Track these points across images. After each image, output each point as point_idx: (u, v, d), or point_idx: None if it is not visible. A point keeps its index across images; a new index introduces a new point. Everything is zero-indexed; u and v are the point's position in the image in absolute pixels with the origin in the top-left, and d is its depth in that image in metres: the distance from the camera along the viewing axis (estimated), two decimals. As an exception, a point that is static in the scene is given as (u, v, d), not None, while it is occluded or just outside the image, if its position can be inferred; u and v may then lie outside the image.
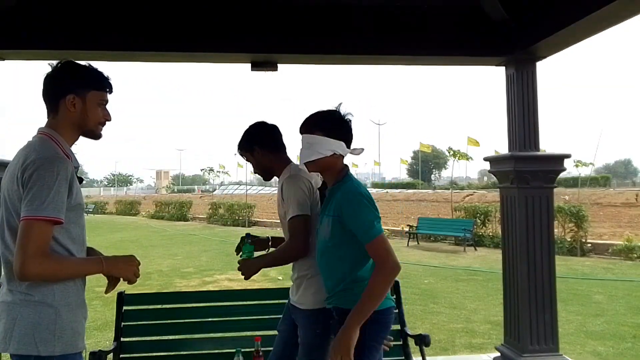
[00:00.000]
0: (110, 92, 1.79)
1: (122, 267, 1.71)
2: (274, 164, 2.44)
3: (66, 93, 1.67)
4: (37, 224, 1.50)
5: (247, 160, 2.49)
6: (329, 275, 2.09)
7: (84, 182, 1.85)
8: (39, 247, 1.50)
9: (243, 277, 2.33)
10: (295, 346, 2.34)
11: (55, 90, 1.69)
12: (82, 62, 1.75)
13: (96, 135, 1.78)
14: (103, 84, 1.75)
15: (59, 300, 1.58)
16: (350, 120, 2.12)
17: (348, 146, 2.08)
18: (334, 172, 2.08)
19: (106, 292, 1.80)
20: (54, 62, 1.73)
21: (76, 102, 1.68)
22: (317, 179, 2.35)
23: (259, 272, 2.39)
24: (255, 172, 2.56)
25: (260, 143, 2.42)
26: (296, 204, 2.22)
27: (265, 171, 2.49)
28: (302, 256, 2.26)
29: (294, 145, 2.28)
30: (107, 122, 1.80)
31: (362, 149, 2.12)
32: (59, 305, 1.58)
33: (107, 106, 1.79)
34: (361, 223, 1.91)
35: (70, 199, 1.60)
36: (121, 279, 1.75)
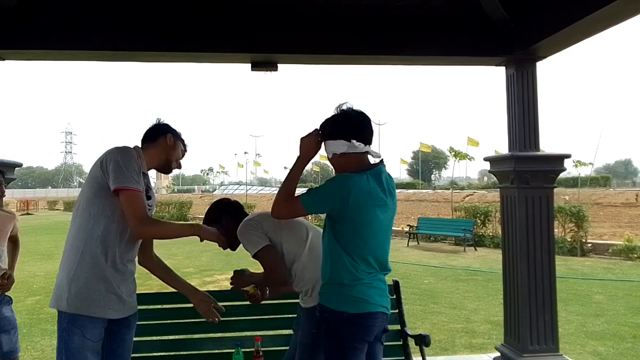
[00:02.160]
0: (184, 154, 2.39)
1: (211, 232, 2.17)
2: None
3: (167, 133, 2.29)
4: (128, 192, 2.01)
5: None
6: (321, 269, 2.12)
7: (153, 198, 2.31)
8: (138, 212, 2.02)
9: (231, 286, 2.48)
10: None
11: (161, 130, 2.29)
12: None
13: (169, 170, 2.31)
14: (185, 145, 2.38)
15: (77, 270, 1.95)
16: (347, 115, 2.07)
17: (353, 138, 2.02)
18: (349, 171, 2.03)
19: None
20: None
21: (171, 140, 2.28)
22: None
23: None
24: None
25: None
26: None
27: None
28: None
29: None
30: (178, 168, 2.37)
31: (364, 146, 2.06)
32: (73, 275, 1.95)
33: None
34: (311, 191, 2.03)
35: None
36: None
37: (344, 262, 1.96)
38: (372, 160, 2.12)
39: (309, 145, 2.12)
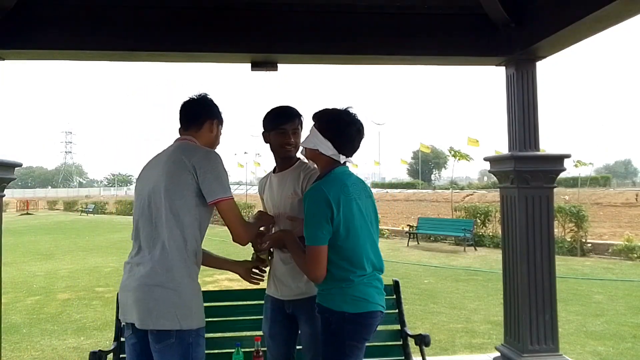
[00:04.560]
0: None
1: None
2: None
3: (214, 117, 2.07)
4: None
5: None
6: None
7: None
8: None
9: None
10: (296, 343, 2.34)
11: (206, 112, 2.06)
12: None
13: None
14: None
15: (193, 284, 1.94)
16: (350, 125, 2.03)
17: (340, 149, 2.02)
18: (320, 167, 2.11)
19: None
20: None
21: (216, 127, 2.08)
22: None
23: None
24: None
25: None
26: None
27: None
28: None
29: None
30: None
31: (345, 158, 2.05)
32: (191, 289, 1.92)
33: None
34: (306, 228, 1.96)
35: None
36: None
37: (340, 266, 1.96)
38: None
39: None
